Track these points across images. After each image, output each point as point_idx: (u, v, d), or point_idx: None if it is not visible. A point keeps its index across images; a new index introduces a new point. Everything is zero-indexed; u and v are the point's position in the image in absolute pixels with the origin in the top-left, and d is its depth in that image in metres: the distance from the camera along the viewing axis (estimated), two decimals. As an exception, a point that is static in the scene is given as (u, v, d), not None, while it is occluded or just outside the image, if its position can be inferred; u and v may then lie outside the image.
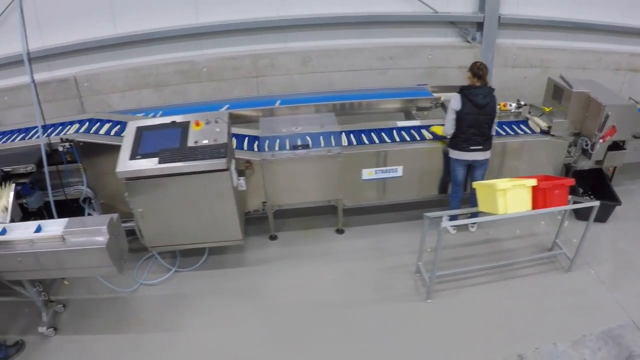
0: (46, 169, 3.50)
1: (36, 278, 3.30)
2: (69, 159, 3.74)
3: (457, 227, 4.09)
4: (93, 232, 2.85)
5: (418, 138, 3.88)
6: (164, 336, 3.26)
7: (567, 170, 4.46)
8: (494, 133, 3.62)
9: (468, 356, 3.04)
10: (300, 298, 3.50)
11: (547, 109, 4.29)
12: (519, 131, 4.17)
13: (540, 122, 4.27)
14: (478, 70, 3.42)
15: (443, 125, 3.68)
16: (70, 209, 3.86)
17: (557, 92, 4.26)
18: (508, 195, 3.22)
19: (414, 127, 4.02)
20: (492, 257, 3.85)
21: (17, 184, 3.52)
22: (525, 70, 5.14)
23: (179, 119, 3.35)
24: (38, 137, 4.01)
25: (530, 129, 4.23)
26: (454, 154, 3.66)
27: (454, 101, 3.46)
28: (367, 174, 3.77)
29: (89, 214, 3.92)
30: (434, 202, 4.18)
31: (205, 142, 3.16)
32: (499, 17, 4.91)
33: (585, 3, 5.12)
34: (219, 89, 4.87)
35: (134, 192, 3.21)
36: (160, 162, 3.09)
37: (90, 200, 3.86)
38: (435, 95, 4.42)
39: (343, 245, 3.98)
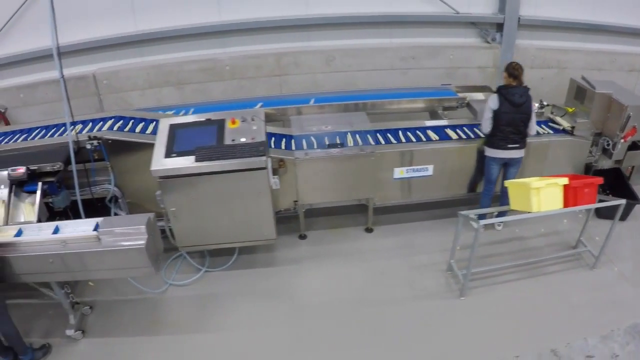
0: (74, 167, 3.42)
1: (67, 280, 3.25)
2: (95, 157, 3.68)
3: (485, 225, 4.13)
4: (131, 232, 2.79)
5: (451, 137, 3.89)
6: (197, 338, 3.22)
7: (587, 169, 4.53)
8: (534, 132, 3.66)
9: (504, 352, 3.07)
10: (333, 297, 3.48)
11: (570, 110, 4.36)
12: (543, 131, 4.25)
13: (563, 122, 4.33)
14: (514, 71, 3.48)
15: (477, 125, 3.74)
16: (95, 208, 3.80)
17: (579, 93, 4.33)
18: (542, 194, 3.26)
19: (442, 127, 4.03)
20: (519, 255, 3.88)
21: (43, 183, 3.46)
22: (543, 71, 5.20)
23: (213, 116, 3.31)
24: (59, 134, 3.94)
25: (553, 129, 4.31)
26: (491, 152, 3.70)
27: (492, 100, 3.49)
28: (399, 172, 3.78)
29: (116, 214, 3.86)
30: (460, 201, 4.20)
31: (243, 140, 3.14)
32: (519, 18, 4.97)
33: (600, 5, 5.21)
34: (241, 88, 4.83)
35: (167, 191, 3.17)
36: (197, 160, 3.05)
37: (116, 199, 3.80)
38: (460, 95, 4.46)
39: (372, 244, 3.98)
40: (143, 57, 4.89)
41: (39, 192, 3.36)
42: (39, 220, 3.33)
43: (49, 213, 3.54)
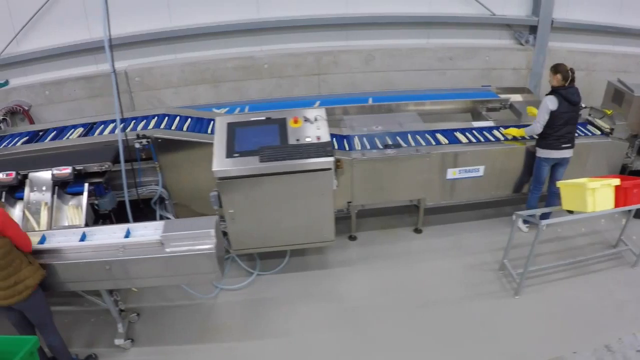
0: (123, 166, 3.26)
1: (122, 287, 3.09)
2: (142, 157, 3.55)
3: (530, 225, 4.17)
4: (198, 235, 2.64)
5: (499, 139, 3.89)
6: (252, 344, 3.11)
7: (623, 170, 4.63)
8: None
9: (561, 348, 3.09)
10: (387, 299, 3.43)
11: (609, 112, 4.44)
12: (582, 133, 4.31)
13: (602, 124, 4.41)
14: (567, 73, 3.52)
15: (523, 126, 3.76)
16: (140, 210, 3.66)
17: (617, 96, 4.41)
18: (597, 195, 3.31)
19: (488, 128, 4.04)
20: (564, 254, 3.92)
21: (90, 184, 3.30)
22: (573, 73, 5.30)
23: (273, 115, 3.23)
24: (98, 133, 3.77)
25: (592, 131, 4.38)
26: (543, 153, 3.71)
27: (550, 102, 3.50)
28: (452, 173, 3.76)
29: (162, 216, 3.71)
30: (503, 202, 4.21)
31: (309, 140, 3.06)
32: (552, 21, 5.05)
33: (627, 9, 5.30)
34: (279, 87, 4.75)
35: (225, 192, 3.07)
36: (261, 161, 2.96)
37: (162, 201, 3.67)
38: (501, 96, 4.49)
39: (423, 244, 3.95)
40: (177, 53, 4.77)
41: (85, 194, 3.20)
42: (87, 225, 3.17)
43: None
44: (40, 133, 3.94)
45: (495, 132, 4.02)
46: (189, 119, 3.76)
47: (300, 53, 4.65)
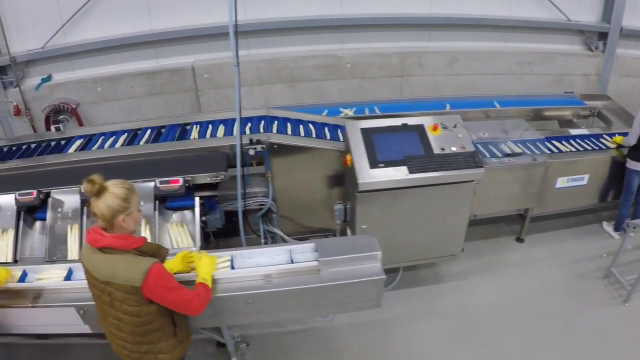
0: (239, 176, 2.86)
1: (259, 322, 2.71)
2: (252, 164, 3.18)
3: (620, 233, 4.15)
4: (362, 259, 2.24)
5: (600, 147, 3.82)
6: None
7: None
8: None
9: None
10: (506, 312, 3.29)
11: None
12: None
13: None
14: None
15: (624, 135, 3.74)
16: (233, 224, 3.28)
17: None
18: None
19: (586, 136, 3.99)
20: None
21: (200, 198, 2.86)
22: (635, 80, 5.38)
23: (409, 121, 2.97)
24: (177, 137, 3.36)
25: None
26: (634, 165, 3.70)
27: None
28: (561, 182, 3.67)
29: (268, 231, 3.36)
30: (596, 209, 4.20)
31: (454, 149, 2.85)
32: (621, 28, 5.11)
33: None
34: (360, 88, 4.48)
35: (363, 206, 2.80)
36: (411, 172, 2.72)
37: (271, 214, 3.31)
38: (588, 103, 4.47)
39: (527, 253, 3.86)
40: (250, 49, 4.37)
41: (197, 210, 2.77)
42: (202, 248, 2.73)
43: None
44: (101, 137, 3.43)
45: (595, 141, 3.93)
46: (289, 122, 3.42)
47: (385, 53, 4.41)
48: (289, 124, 3.42)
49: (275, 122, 3.34)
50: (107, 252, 1.77)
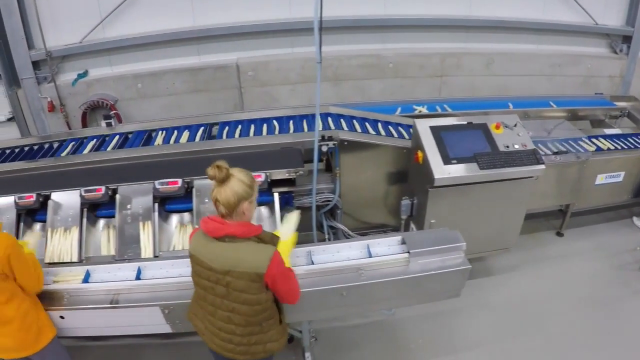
0: (315, 172, 2.88)
1: (346, 314, 2.77)
2: (321, 160, 3.26)
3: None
4: (448, 250, 2.36)
5: (636, 146, 3.98)
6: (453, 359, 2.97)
7: None
8: None
9: None
10: (557, 302, 3.45)
11: None
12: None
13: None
14: None
15: None
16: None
17: None
18: None
19: (620, 135, 4.17)
20: None
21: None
22: (652, 82, 5.65)
23: (473, 119, 3.10)
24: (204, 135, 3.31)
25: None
26: None
27: None
28: (600, 179, 3.86)
29: (331, 227, 3.42)
30: (630, 205, 4.35)
31: (517, 147, 2.98)
32: (644, 31, 5.35)
33: None
34: (401, 87, 4.59)
35: (435, 201, 2.92)
36: (481, 168, 2.85)
37: (335, 210, 3.36)
38: (617, 104, 4.67)
39: (568, 247, 4.05)
40: (294, 47, 4.42)
41: (277, 206, 2.81)
42: None
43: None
44: (162, 132, 3.46)
45: (629, 140, 4.11)
46: (354, 120, 3.49)
47: (426, 53, 4.53)
48: (354, 122, 3.49)
49: (342, 119, 3.42)
50: (227, 241, 1.77)
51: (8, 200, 2.76)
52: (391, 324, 3.21)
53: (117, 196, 2.79)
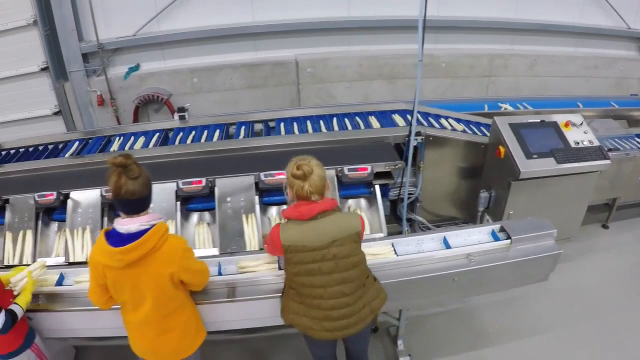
0: (409, 164, 3.04)
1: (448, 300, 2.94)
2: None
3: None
4: (544, 236, 2.56)
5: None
6: (529, 342, 3.16)
7: None
8: None
9: None
10: (612, 291, 3.65)
11: None
12: None
13: None
14: None
15: None
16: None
17: None
18: None
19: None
20: None
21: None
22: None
23: (545, 117, 3.33)
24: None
25: None
26: None
27: None
28: (645, 174, 4.15)
29: (409, 219, 3.57)
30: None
31: (586, 143, 3.22)
32: (670, 36, 5.65)
33: None
34: (451, 86, 4.77)
35: (516, 193, 3.14)
36: (558, 163, 3.07)
37: (416, 203, 3.53)
38: (654, 105, 4.94)
39: (614, 238, 4.29)
40: (351, 45, 4.56)
41: (379, 198, 2.95)
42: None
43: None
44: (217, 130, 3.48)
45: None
46: (429, 117, 3.64)
47: (476, 54, 4.73)
48: (430, 118, 3.65)
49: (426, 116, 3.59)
50: (319, 218, 1.95)
51: (94, 193, 2.82)
52: (467, 311, 3.40)
53: (215, 189, 2.87)
